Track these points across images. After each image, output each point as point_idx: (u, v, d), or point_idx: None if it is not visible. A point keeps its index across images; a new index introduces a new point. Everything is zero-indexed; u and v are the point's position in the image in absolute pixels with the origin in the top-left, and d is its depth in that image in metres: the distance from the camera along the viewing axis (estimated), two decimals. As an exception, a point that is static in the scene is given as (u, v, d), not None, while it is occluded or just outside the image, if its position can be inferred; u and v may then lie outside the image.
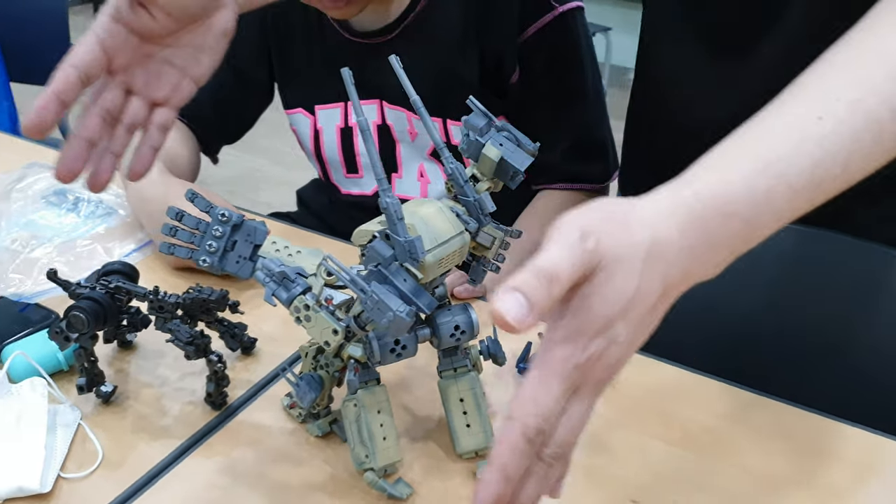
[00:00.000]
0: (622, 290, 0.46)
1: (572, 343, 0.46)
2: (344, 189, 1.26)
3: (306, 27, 1.17)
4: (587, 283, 0.46)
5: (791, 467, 0.73)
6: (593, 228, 0.46)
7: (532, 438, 0.46)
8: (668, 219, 0.48)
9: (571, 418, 0.48)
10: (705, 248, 0.49)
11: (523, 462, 0.46)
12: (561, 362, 0.46)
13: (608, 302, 0.46)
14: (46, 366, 0.77)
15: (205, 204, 0.63)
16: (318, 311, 0.59)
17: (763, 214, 0.50)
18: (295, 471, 0.71)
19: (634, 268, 0.46)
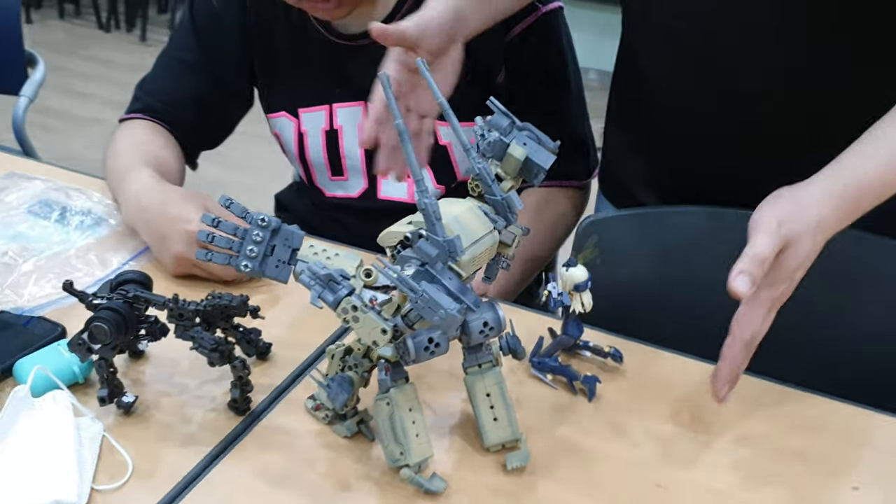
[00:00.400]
0: (803, 254, 0.73)
1: (772, 286, 0.73)
2: (328, 192, 1.27)
3: (289, 30, 1.17)
4: (782, 252, 0.72)
5: (799, 444, 0.77)
6: (784, 217, 0.72)
7: (748, 344, 0.75)
8: (827, 202, 0.74)
9: (765, 326, 0.75)
10: (849, 217, 0.76)
11: (744, 360, 0.75)
12: (768, 299, 0.74)
13: (795, 262, 0.73)
14: (63, 379, 0.76)
15: (241, 209, 0.63)
16: (366, 311, 0.60)
17: (887, 192, 0.77)
18: (328, 472, 0.72)
19: (809, 240, 0.73)
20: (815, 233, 0.73)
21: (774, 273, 0.72)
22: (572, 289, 0.80)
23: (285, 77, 1.20)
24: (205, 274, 0.95)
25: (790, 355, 0.86)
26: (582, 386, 0.82)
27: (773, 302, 0.74)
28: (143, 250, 1.00)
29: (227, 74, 1.20)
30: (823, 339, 0.95)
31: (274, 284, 0.97)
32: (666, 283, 1.01)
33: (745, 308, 0.74)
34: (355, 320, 0.61)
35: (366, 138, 0.86)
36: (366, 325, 0.60)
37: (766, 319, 0.74)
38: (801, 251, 0.73)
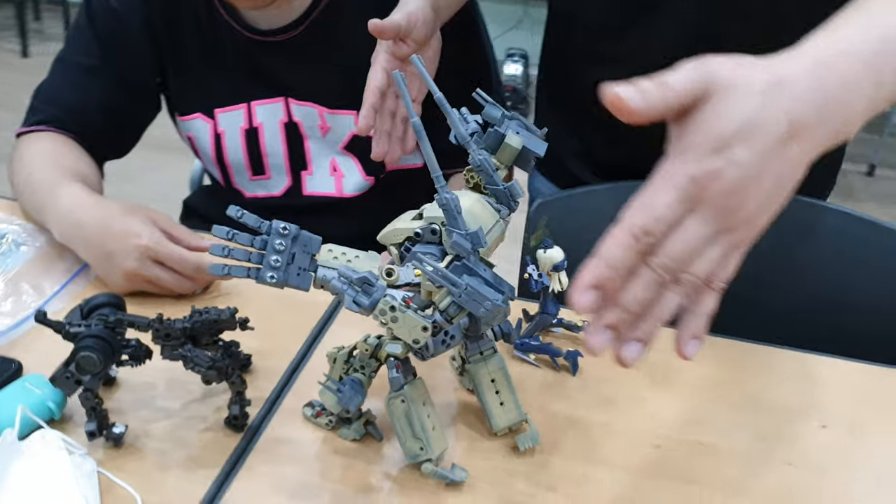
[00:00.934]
0: (737, 112, 0.49)
1: (685, 156, 0.50)
2: (248, 193, 1.23)
3: (197, 26, 1.12)
4: (702, 104, 0.50)
5: (769, 393, 0.84)
6: (717, 62, 0.50)
7: (637, 235, 0.49)
8: (793, 63, 0.51)
9: (688, 238, 0.50)
10: (838, 86, 0.51)
11: (625, 256, 0.50)
12: (673, 173, 0.50)
13: (722, 120, 0.49)
14: (40, 417, 0.71)
15: (255, 219, 0.61)
16: (404, 311, 0.60)
17: (882, 57, 0.53)
18: (344, 477, 0.71)
19: (752, 95, 0.49)
20: (768, 92, 0.49)
21: (692, 133, 0.50)
22: (551, 269, 0.82)
23: (198, 76, 1.15)
24: (155, 289, 0.90)
25: (746, 315, 0.92)
26: (564, 361, 0.85)
27: (694, 185, 0.49)
28: (79, 270, 0.94)
29: (134, 77, 1.14)
30: (770, 298, 1.03)
31: (232, 294, 0.94)
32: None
33: (645, 189, 0.51)
34: (394, 320, 0.60)
35: (362, 125, 0.90)
36: (405, 324, 0.60)
37: (690, 220, 0.50)
38: (736, 108, 0.49)
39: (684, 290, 0.52)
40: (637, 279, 0.51)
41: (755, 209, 0.51)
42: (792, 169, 0.51)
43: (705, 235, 0.50)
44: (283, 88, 1.14)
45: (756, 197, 0.50)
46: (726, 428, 0.79)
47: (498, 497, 0.70)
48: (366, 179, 1.19)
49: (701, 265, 0.51)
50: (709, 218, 0.50)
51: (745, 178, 0.49)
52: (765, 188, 0.50)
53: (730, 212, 0.50)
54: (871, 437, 0.79)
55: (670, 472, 0.74)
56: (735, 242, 0.52)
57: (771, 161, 0.50)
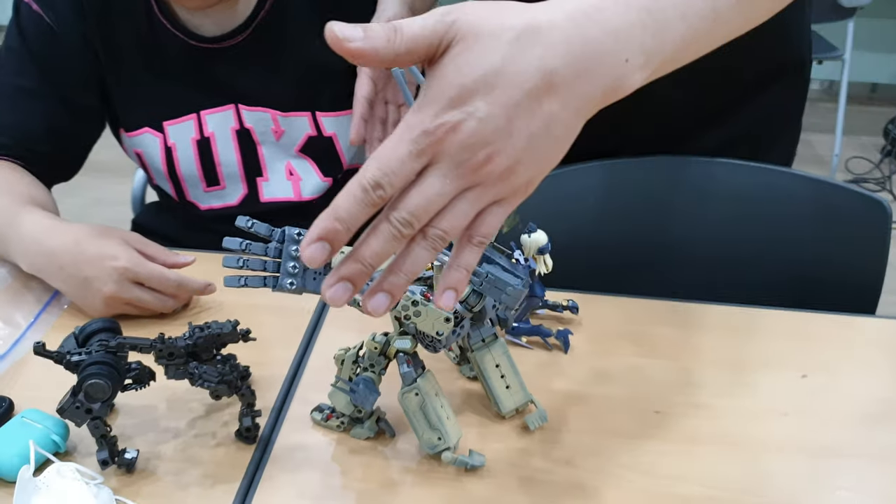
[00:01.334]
0: (479, 63, 0.45)
1: (423, 109, 0.46)
2: (203, 205, 1.21)
3: (136, 36, 1.09)
4: (444, 54, 0.46)
5: (748, 350, 0.88)
6: (463, 8, 0.46)
7: (367, 188, 0.46)
8: (554, 9, 0.46)
9: (428, 193, 0.47)
10: (603, 34, 0.47)
11: (355, 209, 0.47)
12: (409, 127, 0.46)
13: (461, 72, 0.45)
14: (49, 451, 0.69)
15: (266, 228, 0.61)
16: (426, 304, 0.61)
17: (666, 7, 0.49)
18: (366, 476, 0.72)
19: (498, 44, 0.45)
20: (517, 41, 0.46)
21: (431, 87, 0.47)
22: (536, 252, 0.84)
23: (143, 89, 1.12)
24: (135, 311, 0.89)
25: (720, 281, 0.96)
26: (556, 341, 0.87)
27: (429, 138, 0.46)
28: (51, 299, 0.91)
29: (76, 95, 1.10)
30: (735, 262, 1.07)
31: (213, 308, 0.93)
32: (579, 237, 1.09)
33: (382, 144, 0.47)
34: (417, 314, 0.61)
35: (354, 137, 0.91)
36: (428, 317, 0.61)
37: (428, 174, 0.47)
38: (477, 59, 0.46)
39: (433, 245, 0.49)
40: (374, 232, 0.48)
41: (509, 165, 0.47)
42: (550, 125, 0.47)
43: (448, 191, 0.48)
44: (232, 95, 1.13)
45: (506, 153, 0.47)
46: (717, 388, 0.83)
47: (518, 477, 0.72)
48: (324, 181, 1.19)
49: (448, 221, 0.48)
50: (450, 173, 0.47)
51: (486, 132, 0.46)
52: (516, 144, 0.47)
53: (473, 167, 0.47)
54: (846, 381, 0.84)
55: (674, 435, 0.77)
56: (492, 199, 0.49)
57: (519, 116, 0.46)
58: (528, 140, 0.47)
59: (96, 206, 2.71)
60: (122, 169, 2.12)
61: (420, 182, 0.47)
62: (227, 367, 0.71)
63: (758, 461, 0.74)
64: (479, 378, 0.77)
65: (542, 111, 0.47)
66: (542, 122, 0.47)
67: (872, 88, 3.98)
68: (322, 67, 1.11)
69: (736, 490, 0.71)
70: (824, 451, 0.75)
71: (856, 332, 0.92)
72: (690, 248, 1.08)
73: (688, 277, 1.06)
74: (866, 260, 1.02)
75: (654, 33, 0.48)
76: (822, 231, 1.04)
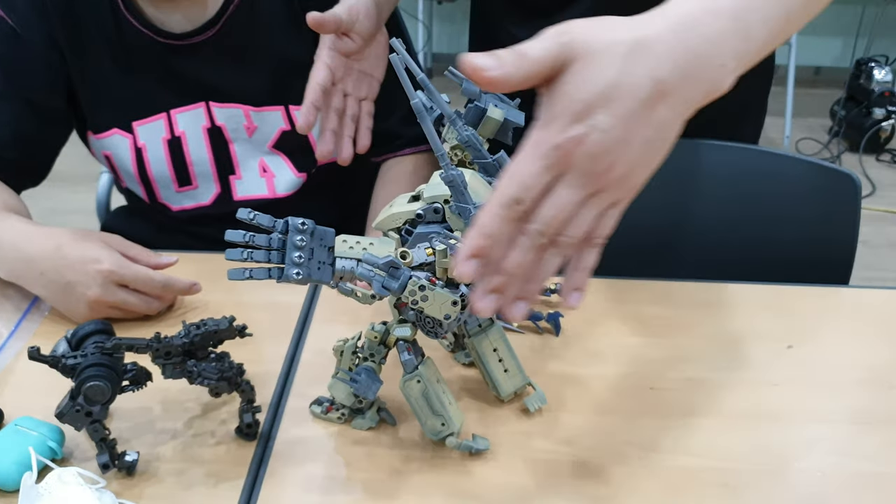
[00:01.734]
0: (598, 78, 0.49)
1: (550, 125, 0.50)
2: (175, 206, 1.19)
3: (105, 39, 1.07)
4: (563, 72, 0.50)
5: (734, 324, 0.90)
6: (574, 28, 0.50)
7: (507, 204, 0.51)
8: (656, 23, 0.51)
9: (560, 203, 0.51)
10: (703, 42, 0.51)
11: (500, 225, 0.52)
12: (539, 142, 0.51)
13: (582, 88, 0.49)
14: (46, 458, 0.68)
15: (268, 219, 0.60)
16: (433, 288, 0.61)
17: (750, 13, 0.53)
18: (371, 466, 0.71)
19: (613, 59, 0.49)
20: (629, 55, 0.49)
21: (554, 103, 0.51)
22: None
23: (111, 90, 1.09)
24: (120, 314, 0.87)
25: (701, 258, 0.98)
26: (547, 324, 0.88)
27: (559, 152, 0.50)
28: (30, 306, 0.89)
29: (43, 99, 1.08)
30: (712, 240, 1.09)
31: (199, 308, 0.91)
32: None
33: (513, 160, 0.52)
34: (424, 299, 0.61)
35: (302, 123, 0.87)
36: (436, 301, 0.61)
37: (560, 186, 0.52)
38: (596, 75, 0.49)
39: (563, 252, 0.54)
40: (516, 245, 0.53)
41: (626, 170, 0.52)
42: (662, 129, 0.52)
43: (577, 199, 0.52)
44: (202, 92, 1.11)
45: (625, 159, 0.51)
46: (708, 362, 0.84)
47: (521, 458, 0.72)
48: (298, 176, 1.18)
49: (576, 227, 0.53)
50: (578, 183, 0.51)
51: (609, 142, 0.50)
52: (633, 150, 0.51)
53: (597, 175, 0.51)
54: (830, 350, 0.86)
55: (670, 410, 0.78)
56: (610, 202, 0.54)
57: (636, 124, 0.50)
58: (643, 146, 0.51)
59: (52, 216, 2.65)
60: (76, 177, 2.08)
61: (552, 194, 0.52)
62: (225, 364, 0.70)
63: (752, 431, 0.76)
64: (477, 363, 0.77)
65: (654, 118, 0.51)
66: (654, 128, 0.51)
67: (816, 72, 4.08)
68: (294, 60, 1.10)
69: (733, 459, 0.72)
70: (814, 418, 0.77)
71: (835, 303, 0.94)
72: (668, 228, 1.09)
73: (667, 257, 1.08)
74: (839, 233, 1.05)
75: (742, 38, 0.53)
76: (796, 206, 1.07)
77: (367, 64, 0.94)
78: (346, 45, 0.91)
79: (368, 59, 0.94)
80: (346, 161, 0.94)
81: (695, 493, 0.69)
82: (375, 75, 0.96)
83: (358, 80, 0.93)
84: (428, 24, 3.89)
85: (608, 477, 0.70)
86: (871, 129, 3.22)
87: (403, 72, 0.61)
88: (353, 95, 0.94)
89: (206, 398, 0.78)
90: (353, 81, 0.93)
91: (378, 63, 0.95)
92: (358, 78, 0.93)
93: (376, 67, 0.95)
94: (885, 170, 3.24)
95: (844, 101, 3.39)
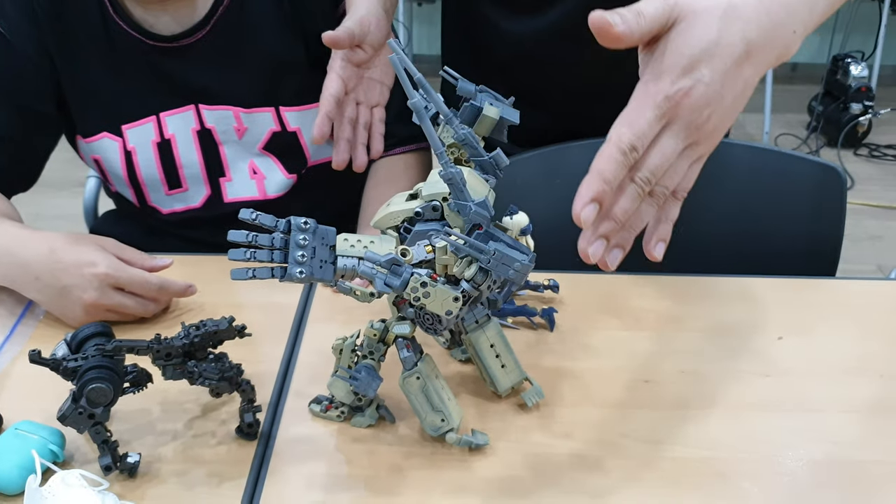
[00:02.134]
0: (701, 36, 0.55)
1: (661, 78, 0.56)
2: (165, 209, 1.19)
3: (94, 42, 1.06)
4: (670, 30, 0.56)
5: (725, 317, 0.91)
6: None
7: (625, 151, 0.55)
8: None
9: (665, 152, 0.57)
10: (781, 10, 0.58)
11: (618, 171, 0.55)
12: (653, 94, 0.56)
13: (689, 44, 0.55)
14: (48, 461, 0.68)
15: (271, 219, 0.61)
16: (434, 284, 0.61)
17: None
18: (372, 463, 0.72)
19: (712, 20, 0.56)
20: (724, 17, 0.56)
21: (663, 58, 0.56)
22: (519, 234, 0.85)
23: (101, 93, 1.09)
24: (116, 317, 0.87)
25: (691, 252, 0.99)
26: (541, 319, 0.89)
27: (669, 102, 0.56)
28: (24, 310, 0.89)
29: (33, 103, 1.07)
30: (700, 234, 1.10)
31: (195, 309, 0.92)
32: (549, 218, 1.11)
33: (627, 109, 0.57)
34: (426, 295, 0.62)
35: (316, 135, 0.89)
36: (437, 297, 0.62)
37: (665, 135, 0.57)
38: (700, 33, 0.55)
39: (657, 201, 0.59)
40: (624, 192, 0.57)
41: (717, 123, 0.58)
42: (745, 87, 0.58)
43: (678, 150, 0.57)
44: (192, 95, 1.11)
45: (719, 112, 0.57)
46: (701, 354, 0.85)
47: (521, 452, 0.73)
48: (288, 177, 1.18)
49: (671, 177, 0.58)
50: (680, 133, 0.57)
51: (710, 94, 0.56)
52: (725, 104, 0.57)
53: (696, 126, 0.57)
54: (819, 341, 0.87)
55: (665, 402, 0.79)
56: (698, 155, 0.59)
57: (730, 79, 0.56)
58: (733, 100, 0.57)
59: (36, 222, 2.60)
60: (60, 183, 2.07)
61: (657, 142, 0.56)
62: (225, 364, 0.71)
63: (746, 421, 0.77)
64: (474, 359, 0.78)
65: (742, 75, 0.57)
66: (742, 85, 0.57)
67: (793, 68, 4.12)
68: (284, 61, 1.11)
69: (729, 449, 0.73)
70: (805, 408, 0.79)
71: (823, 294, 0.96)
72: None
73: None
74: (825, 227, 1.06)
75: (809, 10, 0.59)
76: (782, 201, 1.08)
77: (377, 71, 0.96)
78: (359, 56, 0.92)
79: (378, 66, 0.96)
80: (360, 168, 0.96)
81: (692, 483, 0.70)
82: (385, 82, 0.97)
83: (368, 88, 0.95)
84: (408, 25, 3.90)
85: (607, 469, 0.71)
86: (849, 124, 3.26)
87: (403, 72, 0.62)
88: (365, 103, 0.96)
89: (205, 399, 0.78)
90: (363, 90, 0.95)
91: (387, 70, 0.96)
92: (368, 86, 0.95)
93: (386, 74, 0.96)
94: (862, 164, 3.28)
95: (822, 96, 3.43)
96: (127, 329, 0.87)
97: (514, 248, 0.61)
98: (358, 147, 0.95)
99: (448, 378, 0.81)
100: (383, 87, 0.97)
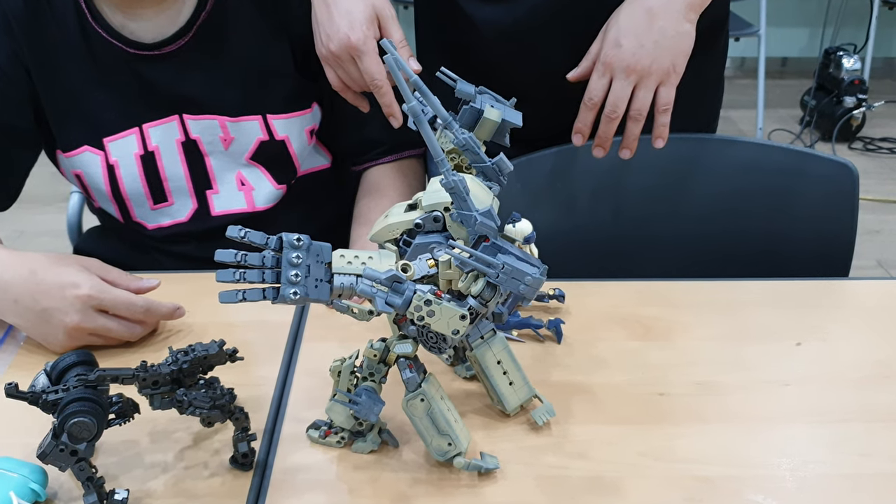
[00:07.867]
0: (617, 24, 0.92)
1: (600, 55, 0.93)
2: (151, 224, 1.14)
3: (73, 52, 1.02)
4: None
5: (742, 322, 0.87)
6: None
7: (586, 103, 0.94)
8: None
9: (617, 93, 0.92)
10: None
11: (586, 115, 0.95)
12: (596, 65, 0.92)
13: (611, 32, 0.92)
14: (29, 501, 0.63)
15: (261, 236, 0.56)
16: (440, 302, 0.57)
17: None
18: (376, 491, 0.68)
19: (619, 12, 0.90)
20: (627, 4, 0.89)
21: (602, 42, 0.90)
22: (522, 242, 0.81)
23: (81, 105, 1.05)
24: (100, 341, 0.83)
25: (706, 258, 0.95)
26: (548, 332, 0.85)
27: (603, 64, 0.91)
28: (4, 336, 0.84)
29: (10, 118, 1.03)
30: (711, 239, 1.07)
31: (184, 331, 0.87)
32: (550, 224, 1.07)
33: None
34: (430, 314, 0.57)
35: (399, 117, 0.97)
36: (443, 316, 0.58)
37: (599, 81, 0.91)
38: (613, 25, 0.89)
39: (640, 121, 0.93)
40: (605, 122, 0.94)
41: (651, 62, 0.90)
42: (663, 34, 0.90)
43: (627, 87, 0.91)
44: (176, 104, 1.07)
45: (646, 56, 0.90)
46: (716, 364, 0.81)
47: (534, 476, 0.69)
48: (277, 188, 1.14)
49: (638, 102, 0.92)
50: (622, 77, 0.91)
51: (632, 48, 0.90)
52: (648, 49, 0.90)
53: (632, 69, 0.90)
54: (839, 346, 0.84)
55: (682, 417, 0.75)
56: (654, 83, 0.91)
57: (644, 34, 0.90)
58: (653, 45, 0.89)
59: (19, 239, 2.58)
60: (43, 198, 2.02)
61: (612, 89, 0.91)
62: (217, 392, 0.66)
63: (768, 434, 0.73)
64: (480, 377, 0.74)
65: (655, 27, 0.90)
66: (658, 34, 0.90)
67: (783, 63, 4.10)
68: (270, 68, 1.06)
69: (754, 465, 0.70)
70: (830, 418, 0.75)
71: (840, 296, 0.92)
72: (663, 226, 1.07)
73: (663, 256, 1.05)
74: (838, 224, 1.02)
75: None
76: (793, 199, 1.04)
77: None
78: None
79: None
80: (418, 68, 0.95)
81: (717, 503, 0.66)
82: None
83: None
84: (396, 28, 3.85)
85: (625, 491, 0.67)
86: (843, 118, 3.24)
87: (398, 72, 0.57)
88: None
89: (196, 427, 0.74)
90: None
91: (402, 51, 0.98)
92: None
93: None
94: (858, 157, 3.25)
95: (814, 90, 3.40)
96: (111, 354, 0.83)
97: (524, 260, 0.57)
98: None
99: (452, 396, 0.77)
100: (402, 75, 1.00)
